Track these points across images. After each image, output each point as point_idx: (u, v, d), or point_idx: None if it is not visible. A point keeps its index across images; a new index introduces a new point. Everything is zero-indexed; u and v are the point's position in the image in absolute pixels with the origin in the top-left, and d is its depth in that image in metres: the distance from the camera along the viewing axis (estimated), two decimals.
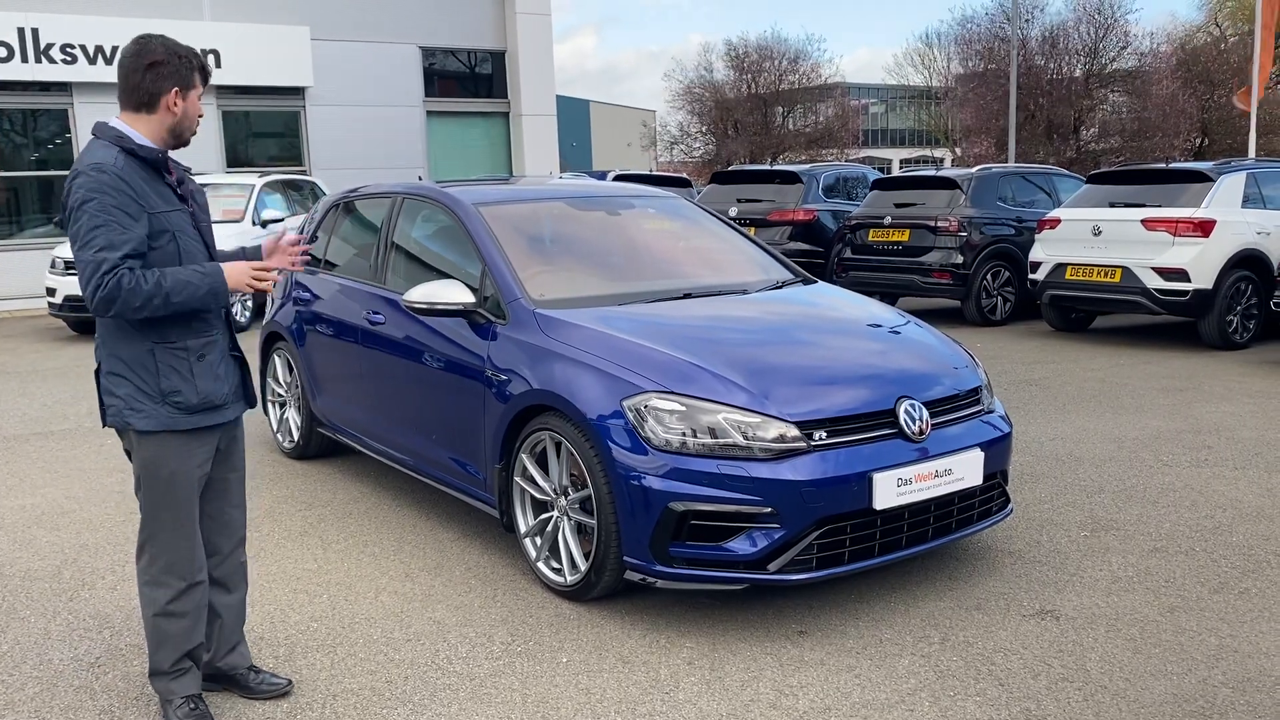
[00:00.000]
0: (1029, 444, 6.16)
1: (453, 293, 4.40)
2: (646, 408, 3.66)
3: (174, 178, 2.97)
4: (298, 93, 17.50)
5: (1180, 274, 9.23)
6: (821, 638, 3.64)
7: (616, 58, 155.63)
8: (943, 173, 12.43)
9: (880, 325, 4.57)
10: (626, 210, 5.44)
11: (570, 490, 3.95)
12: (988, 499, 4.14)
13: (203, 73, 2.96)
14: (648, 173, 20.88)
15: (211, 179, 13.02)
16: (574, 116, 59.99)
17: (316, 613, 3.94)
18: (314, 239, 6.04)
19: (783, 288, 4.98)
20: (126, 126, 2.89)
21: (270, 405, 6.34)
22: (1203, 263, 9.18)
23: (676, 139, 45.16)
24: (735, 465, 3.55)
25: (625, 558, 3.69)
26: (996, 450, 4.09)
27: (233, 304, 3.08)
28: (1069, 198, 11.04)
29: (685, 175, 22.36)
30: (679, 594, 3.94)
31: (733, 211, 13.28)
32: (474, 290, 4.46)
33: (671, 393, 3.68)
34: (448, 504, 5.18)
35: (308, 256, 3.40)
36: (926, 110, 48.85)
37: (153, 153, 2.89)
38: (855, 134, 50.21)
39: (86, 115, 15.32)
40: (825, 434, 3.66)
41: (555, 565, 4.02)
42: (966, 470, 3.89)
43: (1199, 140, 31.74)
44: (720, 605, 3.88)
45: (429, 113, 18.85)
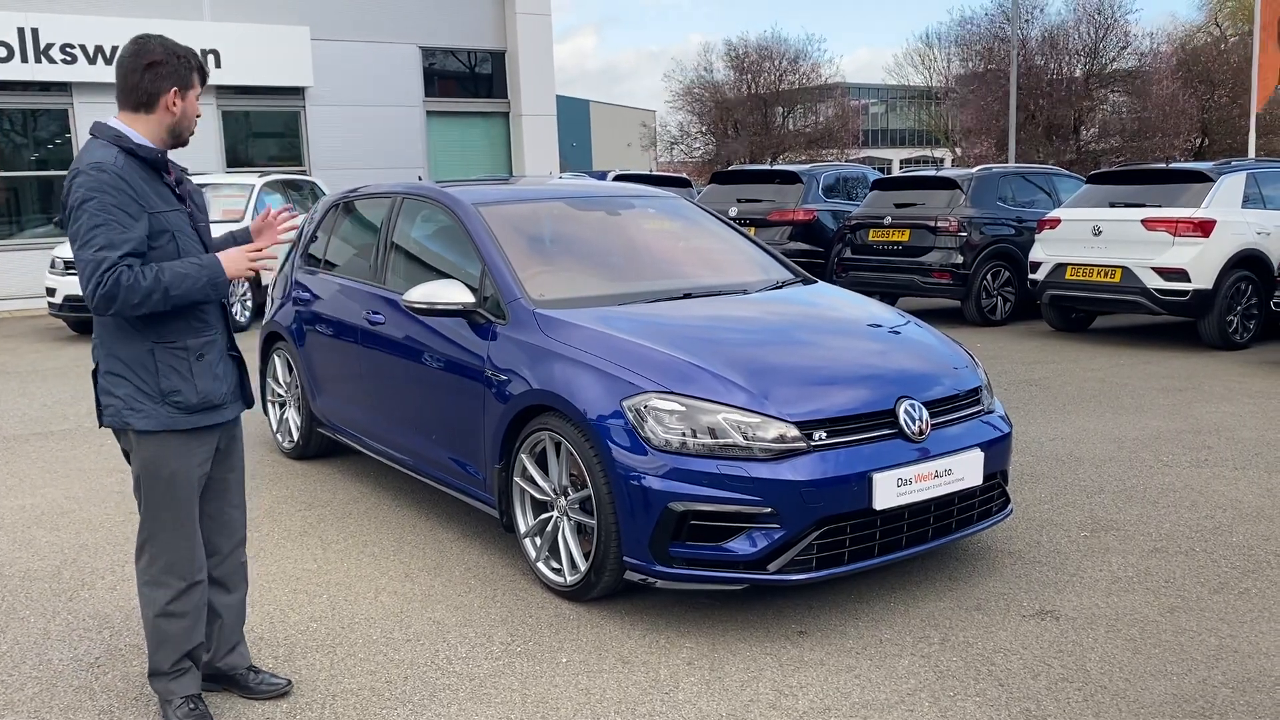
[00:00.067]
0: (1029, 444, 6.16)
1: (452, 293, 4.40)
2: (646, 408, 3.66)
3: (173, 178, 2.97)
4: (297, 93, 17.50)
5: (1180, 274, 9.23)
6: (821, 638, 3.63)
7: (616, 58, 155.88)
8: (943, 173, 12.42)
9: (880, 325, 4.57)
10: (626, 210, 5.44)
11: (570, 490, 3.94)
12: (988, 499, 4.14)
13: (201, 73, 2.97)
14: (648, 173, 20.87)
15: (211, 179, 13.03)
16: (574, 117, 60.00)
17: (316, 613, 3.93)
18: (314, 239, 6.05)
19: (783, 288, 4.98)
20: (125, 126, 2.89)
21: (270, 405, 6.33)
22: (1203, 263, 9.18)
23: (676, 139, 45.17)
24: (735, 465, 3.55)
25: (625, 558, 3.68)
26: (996, 450, 4.09)
27: (231, 301, 3.09)
28: (1069, 198, 11.04)
29: (685, 175, 22.35)
30: (679, 594, 3.94)
31: (733, 211, 13.27)
32: (474, 290, 4.46)
33: (671, 393, 3.68)
34: (448, 504, 5.17)
35: (295, 223, 3.41)
36: (926, 110, 48.82)
37: (152, 152, 2.89)
38: (855, 134, 50.21)
39: (86, 115, 15.30)
40: (825, 434, 3.66)
41: (555, 565, 4.02)
42: (966, 470, 3.89)
43: (1199, 140, 31.78)
44: (720, 605, 3.88)
45: (429, 113, 18.86)
